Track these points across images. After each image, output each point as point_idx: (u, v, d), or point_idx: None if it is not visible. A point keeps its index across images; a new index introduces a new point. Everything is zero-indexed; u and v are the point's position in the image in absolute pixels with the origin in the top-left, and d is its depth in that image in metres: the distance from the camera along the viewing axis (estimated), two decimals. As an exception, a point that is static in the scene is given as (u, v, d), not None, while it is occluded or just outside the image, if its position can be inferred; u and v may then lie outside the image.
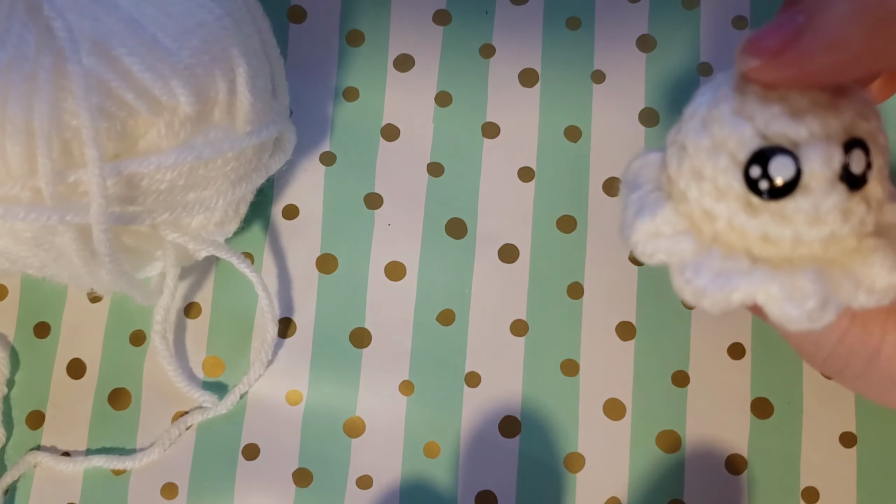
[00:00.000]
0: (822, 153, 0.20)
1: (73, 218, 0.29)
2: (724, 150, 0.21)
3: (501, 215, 0.36)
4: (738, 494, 0.34)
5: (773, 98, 0.21)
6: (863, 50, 0.19)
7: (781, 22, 0.20)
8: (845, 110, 0.21)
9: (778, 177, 0.21)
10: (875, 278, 0.21)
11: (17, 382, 0.35)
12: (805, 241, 0.21)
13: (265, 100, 0.33)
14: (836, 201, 0.21)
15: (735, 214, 0.21)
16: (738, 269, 0.21)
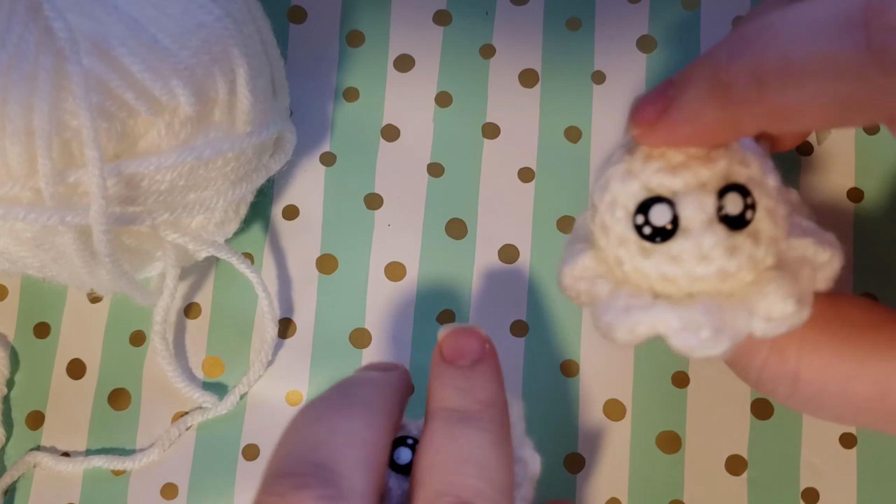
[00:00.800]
0: (695, 199, 0.23)
1: (73, 218, 0.29)
2: (619, 204, 0.24)
3: (501, 215, 0.36)
4: (738, 495, 0.34)
5: (655, 156, 0.24)
6: (715, 124, 0.23)
7: (658, 93, 0.23)
8: (720, 160, 0.24)
9: (656, 222, 0.24)
10: (771, 307, 0.23)
11: (16, 382, 0.35)
12: (698, 277, 0.24)
13: (265, 100, 0.33)
14: (715, 240, 0.23)
15: (634, 258, 0.24)
16: (640, 305, 0.24)
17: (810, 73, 0.21)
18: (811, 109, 0.21)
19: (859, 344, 0.24)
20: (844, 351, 0.24)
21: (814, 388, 0.24)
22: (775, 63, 0.21)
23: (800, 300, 0.24)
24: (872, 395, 0.24)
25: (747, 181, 0.24)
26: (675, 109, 0.23)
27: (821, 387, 0.24)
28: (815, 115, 0.21)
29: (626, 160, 0.25)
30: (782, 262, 0.24)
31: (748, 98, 0.22)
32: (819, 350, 0.24)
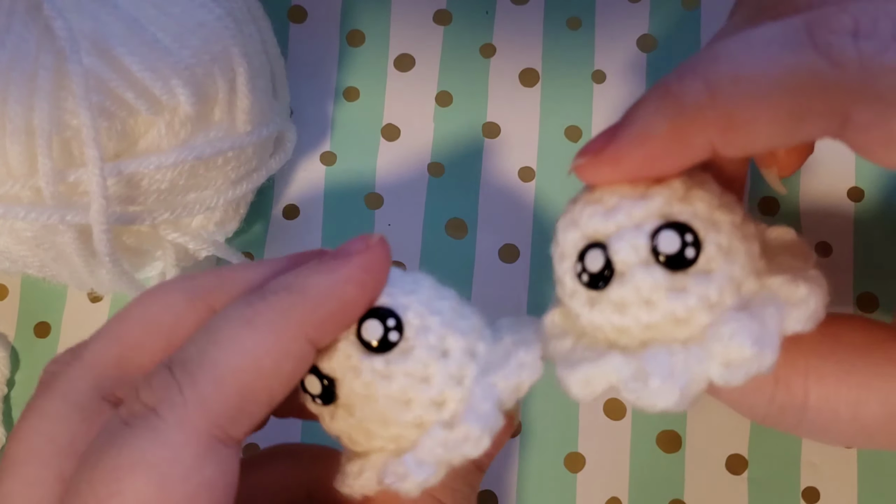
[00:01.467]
0: (625, 240, 0.22)
1: (73, 217, 0.29)
2: (566, 255, 0.23)
3: (501, 215, 0.36)
4: (739, 494, 0.34)
5: (592, 201, 0.23)
6: (665, 140, 0.21)
7: (606, 129, 0.22)
8: (656, 198, 0.22)
9: (591, 268, 0.22)
10: (726, 351, 0.22)
11: (17, 382, 0.35)
12: (648, 324, 0.22)
13: (265, 99, 0.33)
14: (652, 281, 0.22)
15: (583, 309, 0.23)
16: (591, 357, 0.23)
17: (762, 75, 0.21)
18: (764, 113, 0.21)
19: (864, 367, 0.23)
20: (850, 376, 0.23)
21: (825, 416, 0.24)
22: (727, 69, 0.21)
23: (759, 342, 0.22)
24: (883, 416, 0.23)
25: (690, 219, 0.22)
26: (623, 129, 0.22)
27: (831, 415, 0.24)
28: (768, 120, 0.21)
29: (569, 210, 0.24)
30: (751, 303, 0.22)
31: (699, 103, 0.21)
32: (825, 378, 0.23)
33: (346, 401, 0.23)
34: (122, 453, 0.21)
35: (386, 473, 0.23)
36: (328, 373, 0.23)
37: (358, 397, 0.23)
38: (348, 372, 0.23)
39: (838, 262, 0.35)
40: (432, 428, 0.23)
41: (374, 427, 0.23)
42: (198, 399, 0.21)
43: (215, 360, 0.22)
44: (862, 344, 0.24)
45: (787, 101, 0.20)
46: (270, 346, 0.22)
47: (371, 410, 0.23)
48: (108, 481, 0.21)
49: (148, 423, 0.21)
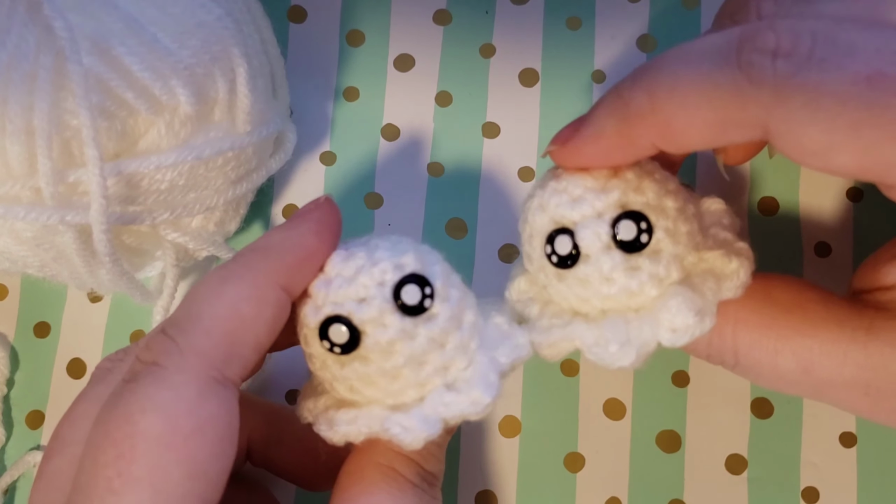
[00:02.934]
0: (590, 230, 0.26)
1: (73, 218, 0.29)
2: (535, 235, 0.27)
3: (501, 215, 0.36)
4: (739, 494, 0.34)
5: (559, 189, 0.27)
6: (614, 139, 0.26)
7: (575, 120, 0.27)
8: (614, 190, 0.26)
9: (560, 251, 0.27)
10: (673, 320, 0.26)
11: (17, 382, 0.35)
12: (607, 296, 0.26)
13: (265, 99, 0.33)
14: (612, 263, 0.26)
15: (551, 282, 0.27)
16: (559, 324, 0.27)
17: (693, 89, 0.24)
18: (695, 122, 0.24)
19: (784, 323, 0.27)
20: (770, 329, 0.27)
21: (750, 360, 0.28)
22: (666, 82, 0.24)
23: (700, 312, 0.26)
24: (797, 368, 0.27)
25: (643, 207, 0.26)
26: (584, 126, 0.26)
27: (755, 360, 0.27)
28: (699, 127, 0.24)
29: (538, 195, 0.27)
30: (690, 274, 0.27)
31: (642, 110, 0.25)
32: (749, 328, 0.27)
33: (365, 353, 0.25)
34: (132, 400, 0.23)
35: (391, 424, 0.25)
36: (357, 325, 0.25)
37: (379, 351, 0.25)
38: (378, 327, 0.25)
39: (838, 262, 0.35)
40: (437, 389, 0.26)
41: (383, 381, 0.25)
42: (191, 346, 0.24)
43: (200, 313, 0.24)
44: (787, 301, 0.28)
45: (712, 112, 0.24)
46: (247, 294, 0.25)
47: (387, 365, 0.25)
48: (121, 424, 0.23)
49: (151, 373, 0.24)
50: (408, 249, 0.26)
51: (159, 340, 0.24)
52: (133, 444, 0.23)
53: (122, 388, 0.24)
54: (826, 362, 0.27)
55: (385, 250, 0.26)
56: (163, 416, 0.23)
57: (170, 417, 0.23)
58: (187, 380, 0.24)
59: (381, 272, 0.25)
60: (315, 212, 0.27)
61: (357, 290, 0.25)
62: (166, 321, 0.25)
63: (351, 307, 0.25)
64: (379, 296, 0.25)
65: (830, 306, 0.27)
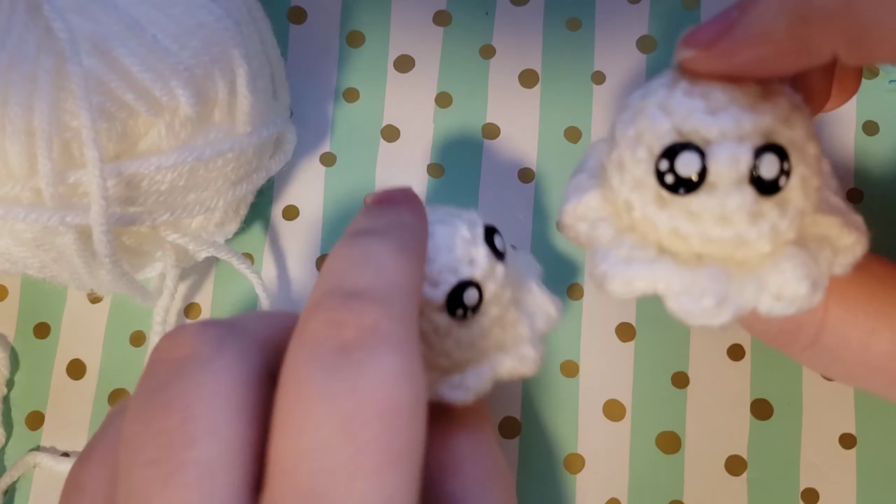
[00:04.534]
0: (729, 153, 0.21)
1: (73, 219, 0.29)
2: (643, 142, 0.22)
3: (501, 215, 0.36)
4: (738, 495, 0.34)
5: (696, 93, 0.22)
6: (785, 43, 0.20)
7: (718, 17, 0.21)
8: (765, 113, 0.21)
9: (682, 172, 0.21)
10: (783, 286, 0.22)
11: (16, 383, 0.35)
12: (713, 239, 0.22)
13: (265, 100, 0.33)
14: (741, 202, 0.21)
15: (647, 206, 0.22)
16: (642, 259, 0.22)
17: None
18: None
19: (884, 299, 0.24)
20: (870, 304, 0.24)
21: (837, 338, 0.24)
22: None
23: (815, 283, 0.22)
24: (892, 352, 0.23)
25: (788, 143, 0.22)
26: (740, 27, 0.21)
27: (843, 338, 0.24)
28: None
29: (662, 93, 0.22)
30: (803, 237, 0.22)
31: (831, 10, 0.19)
32: (846, 300, 0.24)
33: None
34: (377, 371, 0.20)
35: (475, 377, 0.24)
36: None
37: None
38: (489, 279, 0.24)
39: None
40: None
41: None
42: (404, 313, 0.21)
43: (395, 281, 0.22)
44: (888, 277, 0.24)
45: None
46: (417, 268, 0.23)
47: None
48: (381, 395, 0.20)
49: (385, 339, 0.21)
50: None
51: (369, 304, 0.21)
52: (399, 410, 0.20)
53: (343, 356, 0.20)
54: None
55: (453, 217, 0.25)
56: (410, 383, 0.20)
57: (414, 385, 0.20)
58: (414, 348, 0.21)
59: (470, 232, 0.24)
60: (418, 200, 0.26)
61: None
62: (348, 284, 0.22)
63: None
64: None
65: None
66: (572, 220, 0.24)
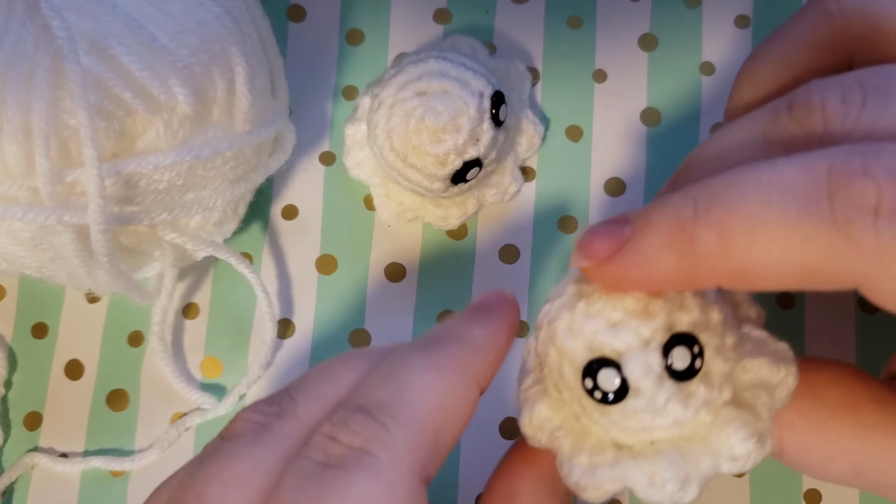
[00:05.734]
0: (639, 362, 0.23)
1: (70, 218, 0.29)
2: (565, 362, 0.24)
3: (502, 214, 0.36)
4: (740, 495, 0.34)
5: (594, 313, 0.23)
6: (671, 275, 0.22)
7: (613, 229, 0.23)
8: (658, 314, 0.23)
9: (606, 387, 0.23)
10: (733, 448, 0.23)
11: (14, 383, 0.35)
12: (656, 428, 0.23)
13: (264, 99, 0.33)
14: (667, 396, 0.23)
15: (590, 414, 0.24)
16: (604, 463, 0.24)
17: (777, 239, 0.21)
18: (774, 272, 0.21)
19: (836, 428, 0.25)
20: (820, 434, 0.25)
21: (796, 461, 0.26)
22: (742, 224, 0.21)
23: (760, 437, 0.24)
24: (849, 472, 0.25)
25: (691, 327, 0.23)
26: (631, 251, 0.23)
27: (803, 462, 0.25)
28: (777, 278, 0.22)
29: (564, 316, 0.24)
30: (738, 390, 0.24)
31: (711, 254, 0.22)
32: (797, 434, 0.25)
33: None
34: (344, 493, 0.21)
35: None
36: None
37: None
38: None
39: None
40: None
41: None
42: (406, 438, 0.22)
43: (412, 401, 0.23)
44: (838, 403, 0.25)
45: (798, 267, 0.21)
46: (455, 389, 0.23)
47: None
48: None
49: (363, 464, 0.22)
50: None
51: (366, 424, 0.22)
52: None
53: (321, 472, 0.22)
54: (881, 466, 0.25)
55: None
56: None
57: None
58: (402, 478, 0.22)
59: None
60: (509, 311, 0.26)
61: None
62: (365, 399, 0.23)
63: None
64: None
65: (884, 406, 0.25)
66: (532, 430, 0.25)
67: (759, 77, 0.28)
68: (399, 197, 0.35)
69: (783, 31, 0.28)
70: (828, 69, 0.27)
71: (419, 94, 0.33)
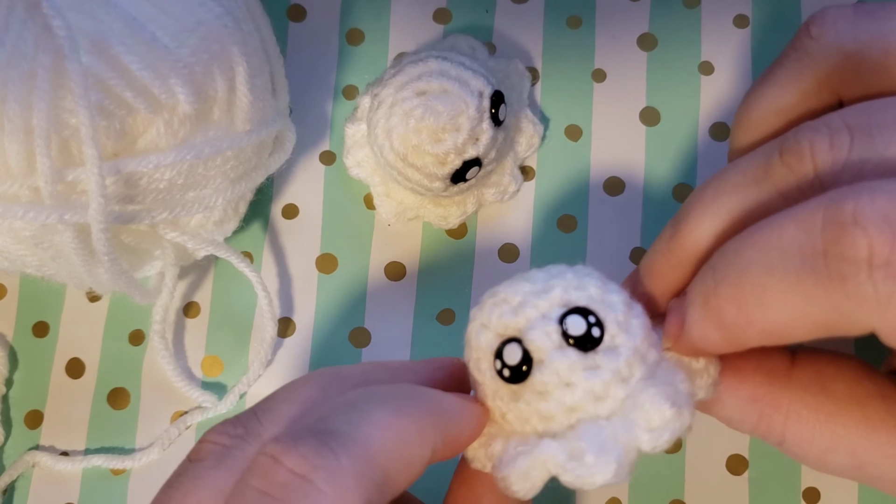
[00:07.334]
0: (538, 330, 0.24)
1: (71, 217, 0.29)
2: (482, 357, 0.25)
3: (502, 214, 0.36)
4: (739, 494, 0.34)
5: (497, 302, 0.25)
6: (721, 342, 0.24)
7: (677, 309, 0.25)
8: (555, 289, 0.25)
9: (510, 361, 0.24)
10: (649, 416, 0.24)
11: (15, 382, 0.35)
12: (571, 405, 0.24)
13: (265, 98, 0.33)
14: (569, 363, 0.24)
15: (509, 405, 0.25)
16: (526, 449, 0.24)
17: (785, 304, 0.22)
18: (797, 329, 0.22)
19: (841, 421, 0.25)
20: (825, 426, 0.25)
21: (797, 454, 0.26)
22: (752, 293, 0.23)
23: (675, 402, 0.24)
24: (850, 465, 0.26)
25: (588, 302, 0.25)
26: (688, 329, 0.25)
27: (804, 452, 0.26)
28: (802, 333, 0.23)
29: (477, 317, 0.26)
30: (658, 372, 0.25)
31: (737, 322, 0.23)
32: (802, 424, 0.26)
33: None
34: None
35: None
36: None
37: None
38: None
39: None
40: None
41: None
42: (355, 470, 0.22)
43: (368, 435, 0.22)
44: (844, 396, 0.26)
45: (812, 324, 0.22)
46: (412, 440, 0.23)
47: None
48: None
49: (304, 493, 0.21)
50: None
51: (315, 450, 0.22)
52: None
53: (262, 501, 0.21)
54: (882, 462, 0.25)
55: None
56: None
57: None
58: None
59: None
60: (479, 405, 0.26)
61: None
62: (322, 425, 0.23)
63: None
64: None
65: (889, 402, 0.26)
66: (472, 452, 0.26)
67: (752, 123, 0.29)
68: (399, 196, 0.35)
69: (770, 75, 0.29)
70: (818, 108, 0.27)
71: (419, 94, 0.33)
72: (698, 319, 0.24)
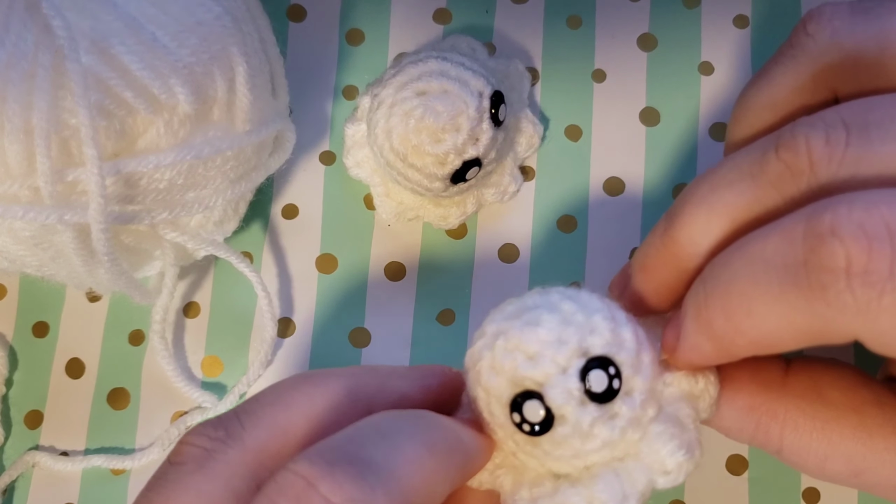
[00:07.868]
0: (560, 390, 0.24)
1: (71, 217, 0.29)
2: (493, 398, 0.25)
3: (501, 215, 0.36)
4: (739, 495, 0.34)
5: (510, 348, 0.24)
6: (714, 353, 0.25)
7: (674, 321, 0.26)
8: (571, 339, 0.24)
9: (532, 419, 0.24)
10: (664, 462, 0.25)
11: (15, 382, 0.35)
12: (587, 452, 0.24)
13: (265, 98, 0.33)
14: (591, 419, 0.24)
15: (524, 448, 0.25)
16: (544, 495, 0.25)
17: (770, 314, 0.23)
18: (784, 339, 0.23)
19: (837, 428, 0.26)
20: (822, 434, 0.26)
21: (795, 461, 0.26)
22: (738, 304, 0.23)
23: (689, 447, 0.25)
24: (847, 472, 0.26)
25: (604, 349, 0.24)
26: (682, 342, 0.25)
27: (801, 462, 0.26)
28: (789, 343, 0.23)
29: (486, 357, 0.25)
30: (663, 404, 0.25)
31: (727, 334, 0.24)
32: (798, 432, 0.26)
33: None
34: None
35: None
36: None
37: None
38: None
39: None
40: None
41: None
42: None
43: (403, 472, 0.22)
44: (840, 403, 0.26)
45: (799, 333, 0.23)
46: (440, 477, 0.23)
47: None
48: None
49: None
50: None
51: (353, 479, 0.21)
52: None
53: None
54: (879, 468, 0.25)
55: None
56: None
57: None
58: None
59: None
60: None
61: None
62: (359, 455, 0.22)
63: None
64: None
65: (885, 409, 0.26)
66: (475, 480, 0.26)
67: (748, 118, 0.29)
68: (399, 196, 0.35)
69: (766, 71, 0.29)
70: (814, 105, 0.27)
71: (419, 94, 0.33)
72: (691, 331, 0.25)
